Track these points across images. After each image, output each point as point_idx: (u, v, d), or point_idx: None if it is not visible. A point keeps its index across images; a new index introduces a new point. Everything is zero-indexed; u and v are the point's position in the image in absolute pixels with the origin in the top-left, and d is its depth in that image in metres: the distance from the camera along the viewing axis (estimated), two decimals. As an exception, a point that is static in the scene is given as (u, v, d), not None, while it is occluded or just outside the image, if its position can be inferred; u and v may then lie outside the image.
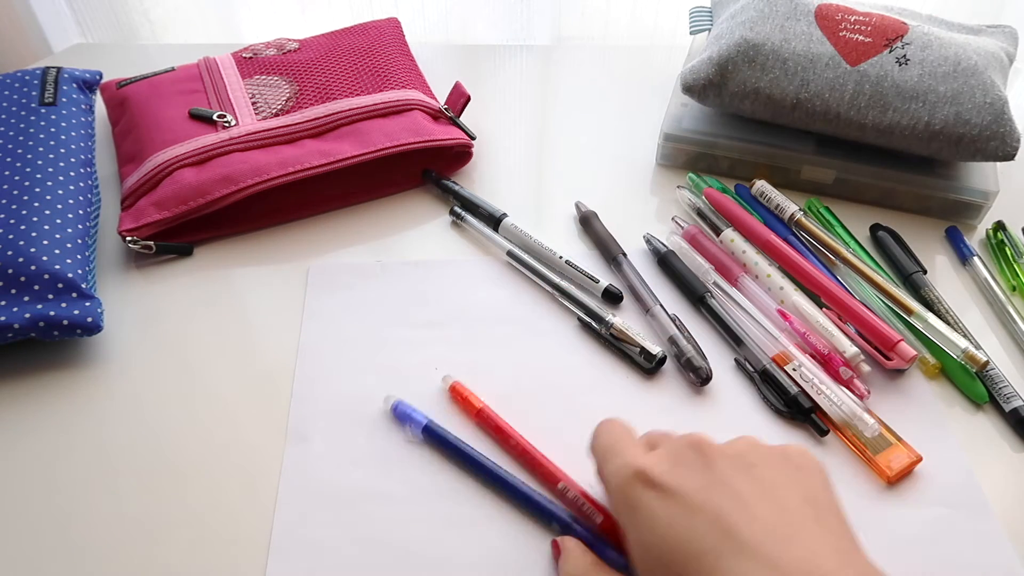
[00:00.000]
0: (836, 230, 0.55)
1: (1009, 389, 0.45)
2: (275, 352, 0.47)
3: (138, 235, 0.51)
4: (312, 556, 0.38)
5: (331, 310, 0.50)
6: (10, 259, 0.45)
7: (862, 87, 0.55)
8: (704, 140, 0.60)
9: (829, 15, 0.58)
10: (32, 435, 0.43)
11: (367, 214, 0.57)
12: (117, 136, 0.60)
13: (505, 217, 0.55)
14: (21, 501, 0.40)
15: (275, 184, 0.53)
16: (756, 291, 0.50)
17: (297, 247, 0.54)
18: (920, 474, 0.42)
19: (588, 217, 0.56)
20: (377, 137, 0.56)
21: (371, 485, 0.40)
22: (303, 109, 0.58)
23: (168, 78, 0.62)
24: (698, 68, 0.58)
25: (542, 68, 0.75)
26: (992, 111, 0.53)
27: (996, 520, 0.40)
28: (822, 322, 0.47)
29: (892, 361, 0.46)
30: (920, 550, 0.39)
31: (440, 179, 0.58)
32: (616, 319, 0.47)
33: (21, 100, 0.55)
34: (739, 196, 0.57)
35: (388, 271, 0.52)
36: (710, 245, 0.53)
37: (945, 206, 0.57)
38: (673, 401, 0.45)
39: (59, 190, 0.50)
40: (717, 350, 0.48)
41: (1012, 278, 0.53)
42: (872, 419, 0.42)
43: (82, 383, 0.45)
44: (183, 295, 0.51)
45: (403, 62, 0.64)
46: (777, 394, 0.45)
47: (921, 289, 0.51)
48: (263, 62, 0.62)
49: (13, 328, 0.43)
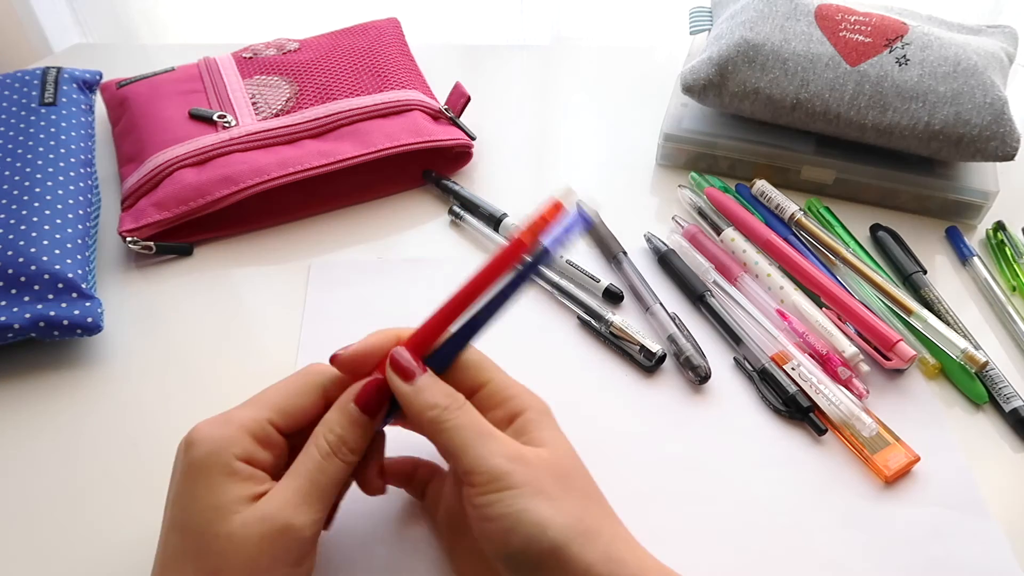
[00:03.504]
0: (836, 230, 0.55)
1: (1009, 389, 0.45)
2: (275, 351, 0.47)
3: (138, 235, 0.51)
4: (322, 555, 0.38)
5: (332, 308, 0.50)
6: (10, 259, 0.45)
7: (862, 87, 0.55)
8: (704, 140, 0.60)
9: (829, 15, 0.58)
10: (32, 435, 0.43)
11: (367, 214, 0.57)
12: (117, 136, 0.60)
13: (505, 217, 0.55)
14: (21, 501, 0.40)
15: (275, 184, 0.53)
16: (756, 290, 0.50)
17: (297, 247, 0.54)
18: (918, 474, 0.42)
19: (588, 217, 0.56)
20: (377, 137, 0.56)
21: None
22: (303, 109, 0.58)
23: (168, 78, 0.62)
24: (698, 68, 0.58)
25: (542, 68, 0.75)
26: (992, 111, 0.53)
27: (994, 520, 0.40)
28: (821, 322, 0.47)
29: (891, 361, 0.46)
30: (917, 550, 0.39)
31: (440, 179, 0.58)
32: (616, 317, 0.47)
33: (21, 100, 0.55)
34: (740, 196, 0.57)
35: (389, 268, 0.52)
36: (710, 244, 0.54)
37: (945, 206, 0.57)
38: (672, 399, 0.45)
39: (59, 190, 0.50)
40: (716, 349, 0.48)
41: (1012, 278, 0.53)
42: (870, 419, 0.42)
43: (82, 383, 0.45)
44: (183, 295, 0.51)
45: (403, 62, 0.64)
46: (776, 393, 0.45)
47: (921, 289, 0.51)
48: (263, 62, 0.63)
49: (13, 328, 0.43)
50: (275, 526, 0.29)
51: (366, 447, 0.33)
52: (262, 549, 0.29)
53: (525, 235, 0.33)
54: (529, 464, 0.30)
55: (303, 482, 0.31)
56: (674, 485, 0.41)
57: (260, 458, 0.31)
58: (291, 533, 0.29)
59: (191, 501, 0.30)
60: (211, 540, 0.29)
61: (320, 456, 0.31)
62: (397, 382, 0.32)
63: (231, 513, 0.29)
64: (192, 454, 0.31)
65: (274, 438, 0.32)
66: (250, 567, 0.29)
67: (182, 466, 0.31)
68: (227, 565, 0.29)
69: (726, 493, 0.41)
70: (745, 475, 0.42)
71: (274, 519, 0.29)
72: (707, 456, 0.43)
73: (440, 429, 0.31)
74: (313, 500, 0.30)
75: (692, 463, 0.42)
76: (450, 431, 0.31)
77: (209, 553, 0.29)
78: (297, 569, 0.30)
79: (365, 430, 0.32)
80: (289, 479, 0.31)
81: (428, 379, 0.32)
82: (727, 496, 0.41)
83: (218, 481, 0.30)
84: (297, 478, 0.31)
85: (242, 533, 0.29)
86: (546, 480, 0.30)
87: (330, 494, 0.31)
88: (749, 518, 0.40)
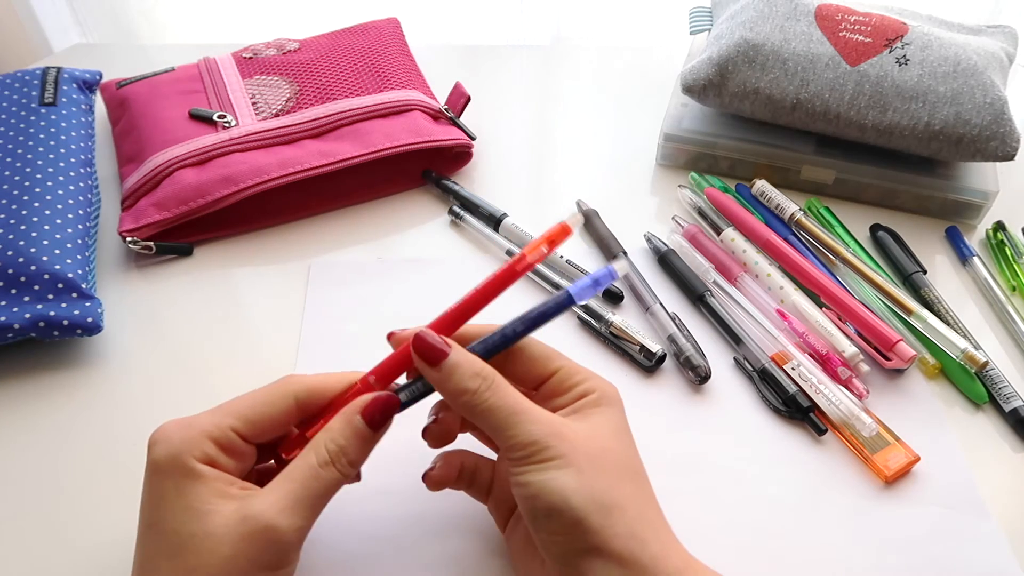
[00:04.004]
0: (836, 230, 0.55)
1: (1009, 389, 0.45)
2: (275, 351, 0.47)
3: (138, 235, 0.51)
4: (312, 554, 0.38)
5: (332, 308, 0.50)
6: (10, 259, 0.45)
7: (862, 87, 0.55)
8: (704, 140, 0.60)
9: (829, 15, 0.58)
10: (32, 435, 0.43)
11: (367, 214, 0.57)
12: (117, 136, 0.60)
13: (505, 217, 0.55)
14: (21, 501, 0.40)
15: (275, 184, 0.53)
16: (756, 290, 0.50)
17: (297, 247, 0.54)
18: (918, 474, 0.42)
19: (589, 216, 0.56)
20: (377, 137, 0.56)
21: (372, 482, 0.40)
22: (303, 109, 0.58)
23: (168, 78, 0.62)
24: (698, 68, 0.58)
25: (542, 68, 0.75)
26: (992, 111, 0.53)
27: (993, 520, 0.40)
28: (821, 322, 0.47)
29: (891, 361, 0.46)
30: (917, 550, 0.39)
31: (440, 179, 0.58)
32: (616, 317, 0.47)
33: (21, 100, 0.55)
34: (740, 196, 0.57)
35: (389, 268, 0.52)
36: (710, 244, 0.54)
37: (945, 206, 0.57)
38: (672, 399, 0.45)
39: (59, 190, 0.50)
40: (716, 349, 0.48)
41: (1012, 278, 0.53)
42: (870, 418, 0.42)
43: (82, 383, 0.45)
44: (183, 295, 0.51)
45: (403, 62, 0.64)
46: (775, 393, 0.45)
47: (921, 289, 0.51)
48: (263, 62, 0.63)
49: (13, 328, 0.43)
50: (257, 526, 0.29)
51: (364, 461, 0.33)
52: (240, 549, 0.29)
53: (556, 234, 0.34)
54: (563, 438, 0.31)
55: (296, 487, 0.30)
56: (674, 485, 0.41)
57: (223, 463, 0.31)
58: (273, 535, 0.29)
59: (160, 500, 0.30)
60: (187, 539, 0.29)
61: (318, 463, 0.31)
62: (426, 369, 0.32)
63: (207, 513, 0.29)
64: (154, 453, 0.31)
65: (238, 445, 0.32)
66: (227, 567, 0.29)
67: (147, 464, 0.31)
68: (202, 564, 0.29)
69: (726, 493, 0.41)
70: (745, 475, 0.42)
71: (257, 519, 0.29)
72: (707, 456, 0.43)
73: (475, 413, 0.32)
74: (302, 506, 0.30)
75: (692, 463, 0.42)
76: (485, 413, 0.31)
77: (185, 552, 0.29)
78: (277, 573, 0.30)
79: (367, 444, 0.32)
80: (281, 482, 0.31)
81: (453, 361, 0.32)
82: (727, 496, 0.41)
83: (183, 483, 0.30)
84: (290, 482, 0.31)
85: (221, 532, 0.29)
86: (578, 453, 0.30)
87: (320, 503, 0.31)
88: (749, 518, 0.40)
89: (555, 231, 0.34)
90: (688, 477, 0.41)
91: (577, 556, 0.30)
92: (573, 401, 0.34)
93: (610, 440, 0.32)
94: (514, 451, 0.31)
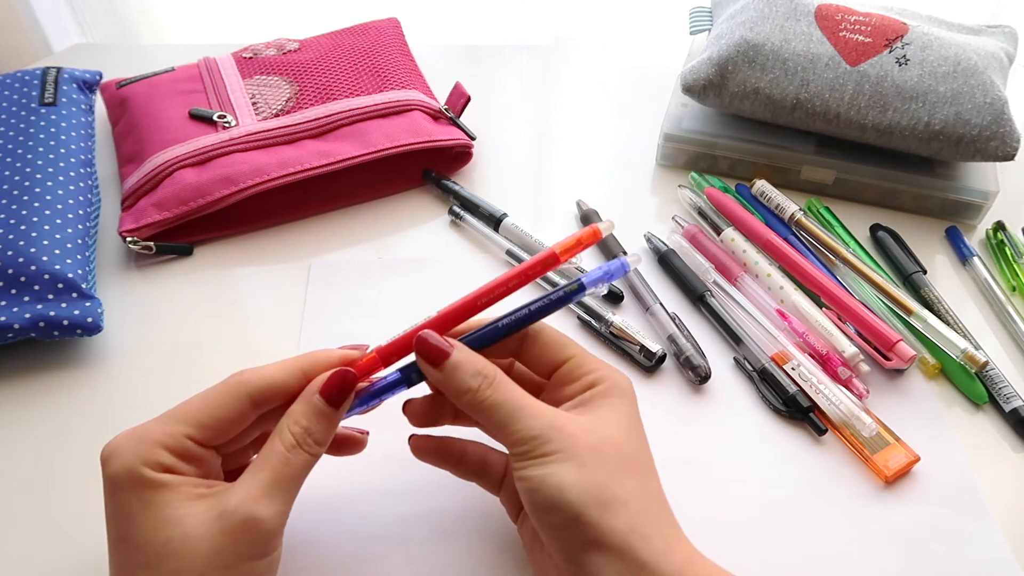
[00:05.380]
0: (836, 230, 0.55)
1: (1009, 389, 0.45)
2: (275, 351, 0.47)
3: (138, 235, 0.51)
4: (312, 553, 0.38)
5: (332, 308, 0.50)
6: (10, 259, 0.45)
7: (862, 87, 0.55)
8: (704, 140, 0.60)
9: (829, 15, 0.58)
10: (32, 435, 0.43)
11: (367, 214, 0.57)
12: (117, 136, 0.60)
13: (505, 217, 0.55)
14: (21, 501, 0.40)
15: (275, 184, 0.53)
16: (756, 290, 0.50)
17: (297, 247, 0.54)
18: (918, 474, 0.42)
19: (589, 216, 0.56)
20: (377, 138, 0.56)
21: (372, 482, 0.40)
22: (303, 109, 0.58)
23: (168, 78, 0.62)
24: (698, 68, 0.58)
25: (542, 68, 0.75)
26: (992, 111, 0.53)
27: (993, 520, 0.40)
28: (821, 322, 0.47)
29: (891, 361, 0.46)
30: (917, 550, 0.39)
31: (440, 179, 0.58)
32: (616, 317, 0.47)
33: (21, 100, 0.55)
34: (740, 196, 0.57)
35: (389, 268, 0.52)
36: (710, 244, 0.54)
37: (945, 206, 0.57)
38: (672, 399, 0.45)
39: (59, 190, 0.50)
40: (716, 349, 0.48)
41: (1012, 278, 0.53)
42: (870, 418, 0.42)
43: (82, 383, 0.45)
44: (183, 295, 0.51)
45: (403, 62, 0.64)
46: (775, 393, 0.45)
47: (921, 289, 0.51)
48: (263, 62, 0.63)
49: (13, 328, 0.43)
50: (237, 520, 0.29)
51: (331, 439, 0.33)
52: (223, 545, 0.29)
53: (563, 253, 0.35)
54: (564, 431, 0.31)
55: (266, 475, 0.30)
56: (674, 485, 0.41)
57: (183, 470, 0.31)
58: (255, 526, 0.29)
59: (126, 514, 0.30)
60: (162, 547, 0.29)
61: (284, 448, 0.31)
62: (428, 369, 0.33)
63: (180, 517, 0.29)
64: (109, 468, 0.30)
65: (195, 452, 0.31)
66: (212, 564, 0.29)
67: (104, 480, 0.30)
68: (184, 567, 0.29)
69: (726, 493, 0.41)
70: (745, 475, 0.42)
71: (235, 513, 0.29)
72: (707, 456, 0.43)
73: (477, 410, 0.32)
74: (278, 492, 0.30)
75: (692, 463, 0.42)
76: (487, 410, 0.32)
77: (164, 559, 0.29)
78: (262, 561, 0.30)
79: (330, 421, 0.32)
80: (251, 473, 0.31)
81: (455, 360, 0.32)
82: (727, 496, 0.41)
83: (146, 494, 0.29)
84: (260, 471, 0.31)
85: (199, 532, 0.29)
86: (579, 447, 0.30)
87: (295, 486, 0.31)
88: (749, 518, 0.40)
89: (586, 233, 0.35)
90: (688, 477, 0.41)
91: (578, 550, 0.30)
92: (582, 391, 0.34)
93: (615, 432, 0.32)
94: (516, 446, 0.31)
